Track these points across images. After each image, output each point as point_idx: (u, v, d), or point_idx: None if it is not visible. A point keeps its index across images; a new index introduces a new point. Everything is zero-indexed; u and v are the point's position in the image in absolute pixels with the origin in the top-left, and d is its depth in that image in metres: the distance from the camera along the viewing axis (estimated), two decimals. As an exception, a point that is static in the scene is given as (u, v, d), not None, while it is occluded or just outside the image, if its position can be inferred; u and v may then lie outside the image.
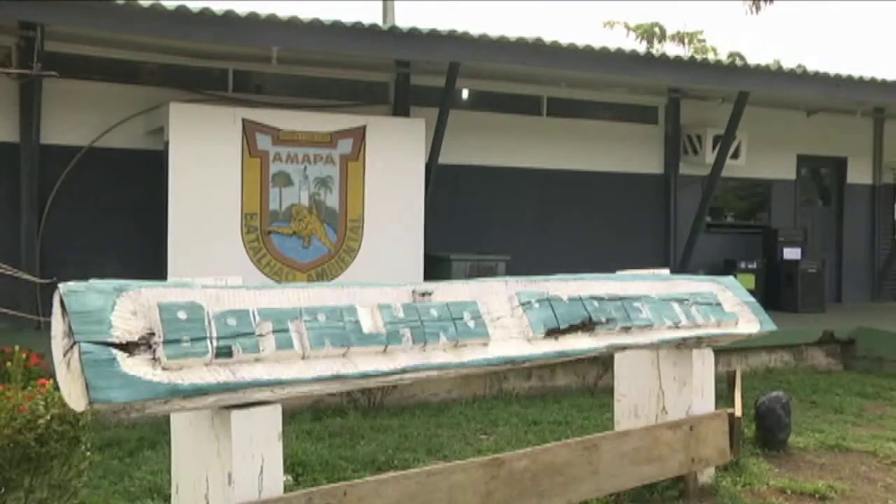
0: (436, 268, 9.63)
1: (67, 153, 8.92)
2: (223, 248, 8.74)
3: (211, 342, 3.21)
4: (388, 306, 3.81)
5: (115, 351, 2.99)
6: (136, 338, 3.08)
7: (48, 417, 3.70)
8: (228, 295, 3.41)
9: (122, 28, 8.03)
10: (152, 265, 8.43)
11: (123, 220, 9.13)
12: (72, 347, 2.94)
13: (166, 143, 8.71)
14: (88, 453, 3.96)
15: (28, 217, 8.69)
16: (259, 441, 3.37)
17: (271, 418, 3.42)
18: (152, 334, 3.12)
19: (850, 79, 11.04)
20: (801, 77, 10.87)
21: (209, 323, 3.24)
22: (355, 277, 8.91)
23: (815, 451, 6.46)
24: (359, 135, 9.41)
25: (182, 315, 3.18)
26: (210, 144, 8.76)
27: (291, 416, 6.72)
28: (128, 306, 3.12)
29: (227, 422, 3.31)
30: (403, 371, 3.74)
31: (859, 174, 13.95)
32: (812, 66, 11.23)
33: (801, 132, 13.05)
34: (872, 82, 11.18)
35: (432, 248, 9.80)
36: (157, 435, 6.03)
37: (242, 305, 3.40)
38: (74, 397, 2.96)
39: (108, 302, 3.08)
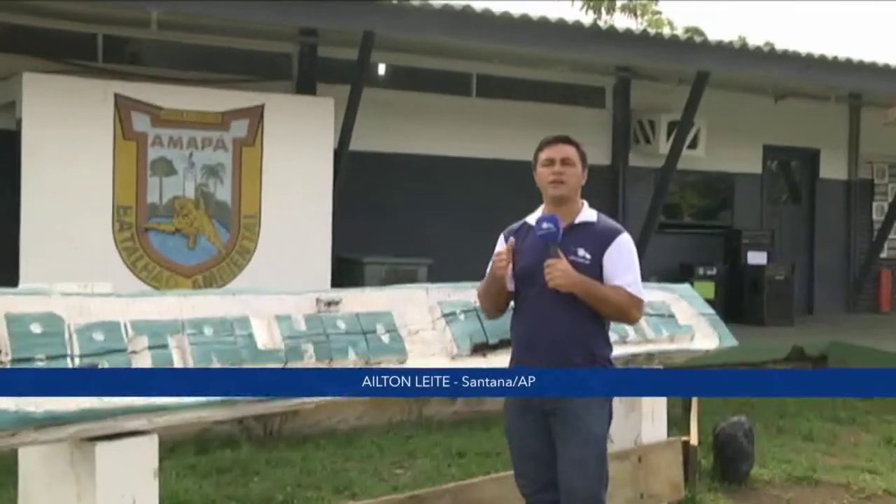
0: (346, 272, 9.63)
1: None
2: (89, 249, 8.57)
3: (72, 360, 3.17)
4: (287, 318, 3.82)
5: (-48, 371, 2.93)
6: (-22, 355, 3.02)
7: None
8: (95, 304, 3.38)
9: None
10: (1, 268, 8.22)
11: (-35, 214, 8.89)
12: None
13: (19, 121, 8.51)
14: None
15: None
16: (130, 480, 3.32)
17: (146, 452, 3.38)
18: (-1, 351, 3.06)
19: (822, 59, 11.30)
20: (767, 56, 11.15)
21: (70, 338, 3.21)
22: (251, 283, 8.82)
23: (782, 484, 6.64)
24: (256, 115, 9.34)
25: (36, 328, 3.14)
26: (74, 123, 8.58)
27: (171, 448, 6.64)
28: (-31, 317, 3.06)
29: (91, 457, 3.26)
30: (305, 394, 3.73)
31: (833, 168, 14.34)
32: (781, 45, 11.56)
33: (768, 120, 13.33)
34: (848, 64, 11.47)
35: (342, 249, 9.79)
36: (1, 475, 5.86)
37: (112, 317, 3.37)
38: None
39: (-56, 312, 3.01)
